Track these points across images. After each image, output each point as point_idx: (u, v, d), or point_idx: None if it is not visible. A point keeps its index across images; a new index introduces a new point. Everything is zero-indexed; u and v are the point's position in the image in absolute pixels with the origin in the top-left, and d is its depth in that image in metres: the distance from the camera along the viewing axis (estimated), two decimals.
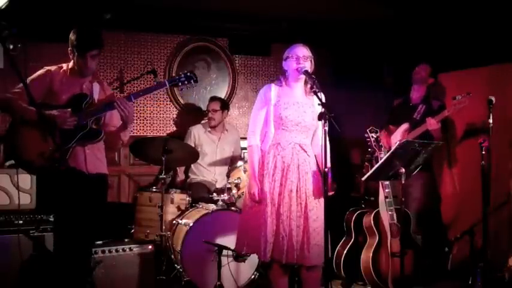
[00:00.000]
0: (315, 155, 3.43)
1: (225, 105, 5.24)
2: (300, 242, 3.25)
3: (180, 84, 3.37)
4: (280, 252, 3.23)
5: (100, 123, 3.31)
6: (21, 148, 3.11)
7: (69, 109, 3.15)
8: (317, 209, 3.29)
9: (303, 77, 3.36)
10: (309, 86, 3.40)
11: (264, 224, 3.25)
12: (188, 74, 3.39)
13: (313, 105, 3.40)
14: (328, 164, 3.11)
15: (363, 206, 4.81)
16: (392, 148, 3.43)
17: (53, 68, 3.30)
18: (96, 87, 3.32)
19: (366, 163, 4.75)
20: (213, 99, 5.23)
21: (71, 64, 3.30)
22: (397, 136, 4.61)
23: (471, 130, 4.83)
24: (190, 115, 5.69)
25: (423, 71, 4.74)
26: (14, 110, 3.15)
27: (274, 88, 3.42)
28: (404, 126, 4.61)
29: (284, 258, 3.24)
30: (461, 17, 4.93)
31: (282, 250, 3.23)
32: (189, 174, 5.21)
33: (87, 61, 3.21)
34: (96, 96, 3.28)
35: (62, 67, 3.32)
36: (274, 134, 3.39)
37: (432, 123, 4.33)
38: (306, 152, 3.38)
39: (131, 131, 3.58)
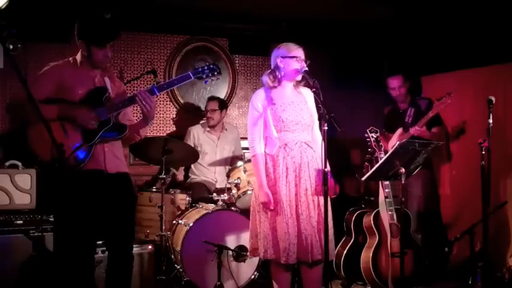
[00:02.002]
0: None
1: (223, 104, 5.24)
2: (319, 239, 3.26)
3: (204, 76, 3.23)
4: (306, 252, 3.23)
5: (118, 120, 3.21)
6: (38, 148, 2.98)
7: (92, 108, 3.05)
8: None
9: (298, 77, 3.38)
10: (300, 83, 3.42)
11: (286, 227, 3.23)
12: (211, 66, 3.25)
13: (306, 101, 3.42)
14: (328, 167, 3.11)
15: (363, 206, 4.81)
16: (393, 148, 3.42)
17: (59, 62, 3.18)
18: (107, 81, 3.23)
19: (366, 163, 4.74)
20: (212, 99, 5.23)
21: (79, 57, 3.18)
22: (393, 141, 4.62)
23: (467, 130, 4.85)
24: (190, 115, 5.68)
25: (396, 87, 4.71)
26: (32, 112, 2.90)
27: (266, 92, 3.41)
28: (399, 131, 4.64)
29: (310, 257, 3.23)
30: (461, 17, 4.93)
31: (307, 250, 3.23)
32: (189, 174, 5.21)
33: (107, 52, 3.13)
34: (109, 90, 3.19)
35: (68, 61, 3.20)
36: (278, 137, 3.36)
37: (415, 131, 4.37)
38: (312, 148, 3.39)
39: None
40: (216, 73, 3.25)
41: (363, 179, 3.64)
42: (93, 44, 3.10)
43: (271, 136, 3.38)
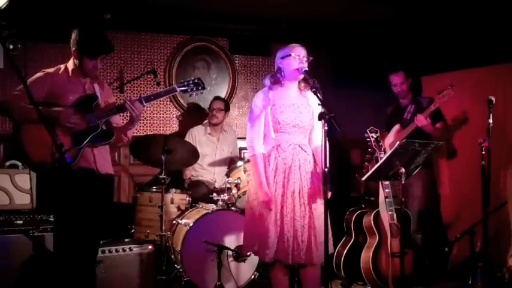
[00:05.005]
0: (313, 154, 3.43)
1: (228, 106, 5.32)
2: (306, 241, 3.25)
3: (189, 90, 3.38)
4: (286, 253, 3.23)
5: (108, 124, 3.33)
6: (29, 149, 3.06)
7: (82, 114, 3.15)
8: (319, 207, 3.30)
9: (300, 76, 3.36)
10: (302, 84, 3.40)
11: (268, 225, 3.25)
12: (196, 80, 3.40)
13: (309, 104, 3.40)
14: (328, 165, 3.11)
15: (363, 206, 4.81)
16: (393, 148, 3.42)
17: (51, 70, 3.27)
18: (96, 87, 3.32)
19: (366, 163, 4.74)
20: (218, 98, 5.30)
21: (71, 65, 3.27)
22: (390, 138, 4.61)
23: (458, 127, 4.85)
24: (191, 115, 5.69)
25: (398, 83, 4.69)
26: (14, 112, 3.10)
27: (267, 93, 3.40)
28: (396, 127, 4.62)
29: (290, 259, 3.24)
30: (460, 17, 4.94)
31: (287, 251, 3.23)
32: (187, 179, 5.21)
33: (97, 63, 3.22)
34: (99, 97, 3.28)
35: (60, 68, 3.28)
36: (274, 138, 3.37)
37: (420, 120, 4.33)
38: (305, 151, 3.38)
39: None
40: (200, 88, 3.41)
41: (363, 179, 3.64)
42: (84, 54, 3.18)
43: (269, 135, 3.38)
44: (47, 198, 3.64)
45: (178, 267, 4.21)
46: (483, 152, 3.96)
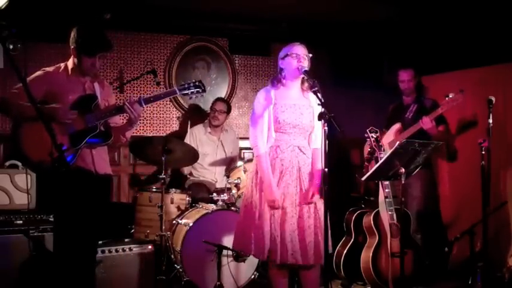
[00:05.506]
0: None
1: (229, 108, 5.32)
2: (313, 242, 3.25)
3: (189, 93, 3.38)
4: (274, 252, 3.24)
5: (106, 124, 3.32)
6: (28, 149, 3.06)
7: (81, 114, 3.15)
8: (322, 207, 3.29)
9: (301, 75, 3.34)
10: (306, 85, 3.39)
11: (261, 224, 3.26)
12: (197, 83, 3.39)
13: (311, 105, 3.38)
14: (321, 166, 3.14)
15: (363, 206, 4.81)
16: (393, 148, 3.42)
17: (50, 69, 3.25)
18: (97, 86, 3.30)
19: (366, 163, 4.74)
20: (220, 100, 5.30)
21: (71, 64, 3.25)
22: (390, 137, 4.60)
23: (466, 129, 4.85)
24: (190, 115, 5.69)
25: (406, 80, 4.71)
26: (12, 109, 3.10)
27: (269, 91, 3.39)
28: (396, 126, 4.61)
29: (278, 259, 3.23)
30: (461, 17, 4.94)
31: (276, 250, 3.23)
32: (188, 175, 5.21)
33: (95, 62, 3.20)
34: (98, 96, 3.27)
35: (59, 67, 3.27)
36: (275, 137, 3.36)
37: (426, 122, 4.32)
38: (305, 154, 3.38)
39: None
40: (200, 90, 3.40)
41: (363, 179, 3.64)
42: (83, 52, 3.17)
43: (270, 134, 3.37)
44: (46, 198, 3.64)
45: (178, 267, 4.21)
46: (483, 152, 3.96)
